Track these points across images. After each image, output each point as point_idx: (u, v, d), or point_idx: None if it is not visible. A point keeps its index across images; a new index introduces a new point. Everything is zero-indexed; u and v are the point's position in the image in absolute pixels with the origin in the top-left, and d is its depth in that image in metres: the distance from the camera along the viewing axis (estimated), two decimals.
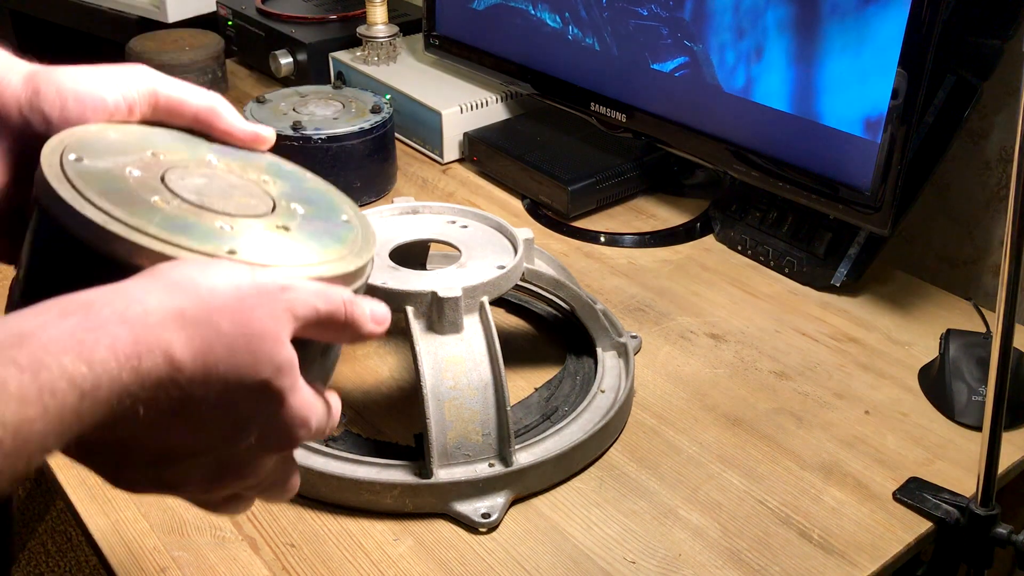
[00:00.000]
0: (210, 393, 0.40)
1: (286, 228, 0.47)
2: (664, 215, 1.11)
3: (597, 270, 1.01)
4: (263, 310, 0.41)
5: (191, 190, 0.46)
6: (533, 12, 1.13)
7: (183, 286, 0.40)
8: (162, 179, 0.46)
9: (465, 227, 0.84)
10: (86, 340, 0.36)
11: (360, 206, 1.08)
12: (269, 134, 0.54)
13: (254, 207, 0.48)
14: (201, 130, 0.52)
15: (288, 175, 0.53)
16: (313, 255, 0.46)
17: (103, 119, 0.49)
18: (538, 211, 1.11)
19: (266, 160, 0.53)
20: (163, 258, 0.41)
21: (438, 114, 1.19)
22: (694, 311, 0.94)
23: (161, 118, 0.51)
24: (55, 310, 0.37)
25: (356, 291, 0.47)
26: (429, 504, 0.71)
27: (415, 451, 0.74)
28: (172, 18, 1.51)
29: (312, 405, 0.44)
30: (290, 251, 0.46)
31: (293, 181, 0.53)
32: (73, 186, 0.43)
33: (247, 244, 0.44)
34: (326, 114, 1.10)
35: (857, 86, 0.85)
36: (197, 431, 0.41)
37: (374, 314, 0.46)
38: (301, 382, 0.43)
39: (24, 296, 0.44)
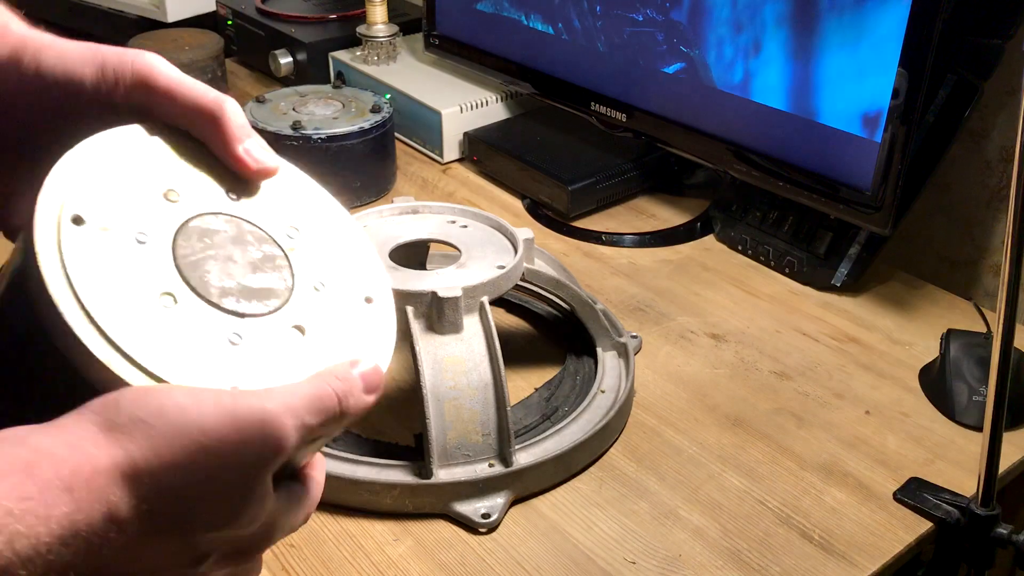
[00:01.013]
0: (157, 546, 0.37)
1: (301, 330, 0.43)
2: (664, 215, 1.11)
3: (597, 270, 1.01)
4: (237, 462, 0.37)
5: (202, 267, 0.42)
6: (526, 23, 1.12)
7: (141, 436, 0.36)
8: (174, 251, 0.41)
9: (465, 227, 0.84)
10: (14, 511, 0.33)
11: (360, 206, 1.09)
12: (275, 166, 0.47)
13: (271, 294, 0.43)
14: (197, 135, 0.46)
15: (311, 218, 0.48)
16: (328, 360, 0.42)
17: (82, 104, 0.44)
18: (538, 211, 1.11)
19: (289, 190, 0.48)
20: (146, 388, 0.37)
21: (438, 114, 1.18)
22: (694, 311, 0.94)
23: (154, 110, 0.45)
24: None
25: None
26: (429, 504, 0.71)
27: (415, 451, 0.74)
28: (172, 18, 1.51)
29: (288, 521, 0.42)
30: (301, 362, 0.42)
31: (319, 230, 0.47)
32: (68, 278, 0.38)
33: (253, 361, 0.40)
34: (326, 114, 1.10)
35: (857, 85, 0.85)
36: (142, 571, 0.38)
37: (367, 384, 0.42)
38: (273, 502, 0.40)
39: None
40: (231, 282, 0.42)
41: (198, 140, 0.45)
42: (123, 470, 0.35)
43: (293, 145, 1.05)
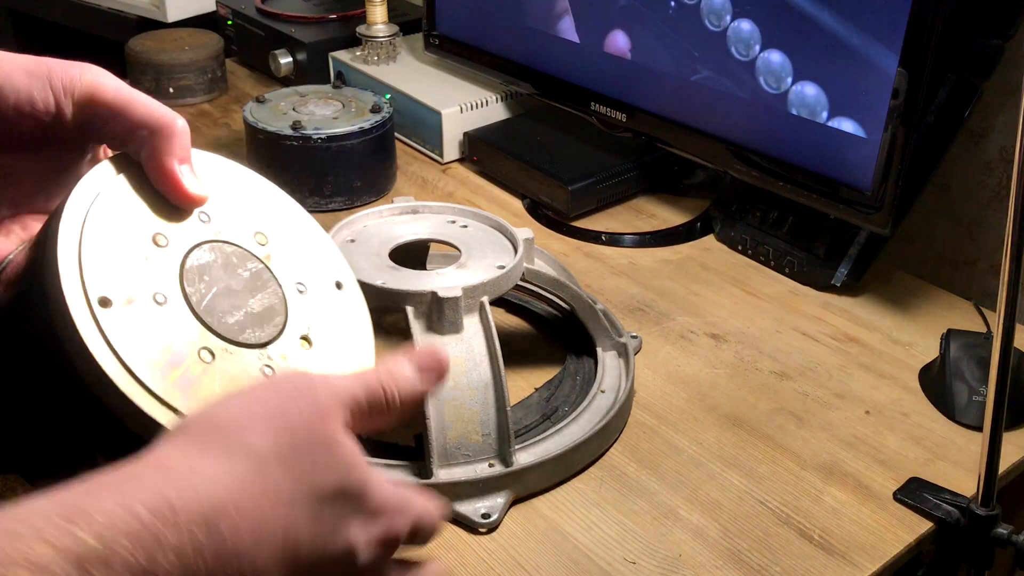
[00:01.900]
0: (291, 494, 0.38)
1: (308, 341, 0.47)
2: (664, 215, 1.11)
3: (597, 270, 1.01)
4: (297, 417, 0.38)
5: (217, 310, 0.44)
6: (525, 22, 1.13)
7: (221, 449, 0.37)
8: (186, 299, 0.44)
9: (465, 227, 0.84)
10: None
11: (360, 206, 1.09)
12: (203, 197, 0.46)
13: (273, 314, 0.47)
14: (135, 155, 0.45)
15: (268, 217, 0.50)
16: (344, 358, 0.47)
17: (30, 124, 0.44)
18: (538, 211, 1.11)
19: (240, 189, 0.50)
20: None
21: (438, 114, 1.18)
22: (694, 311, 0.94)
23: (97, 125, 0.45)
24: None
25: None
26: None
27: (415, 451, 0.74)
28: (172, 18, 1.51)
29: (398, 500, 0.42)
30: (323, 366, 0.46)
31: (277, 228, 0.50)
32: (115, 354, 0.40)
33: None
34: (326, 114, 1.10)
35: (857, 85, 0.85)
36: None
37: (421, 365, 0.43)
38: (358, 454, 0.41)
39: None
40: (241, 314, 0.45)
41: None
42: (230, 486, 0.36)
43: (293, 145, 1.05)
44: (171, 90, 1.34)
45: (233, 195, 0.50)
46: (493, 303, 0.75)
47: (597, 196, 1.10)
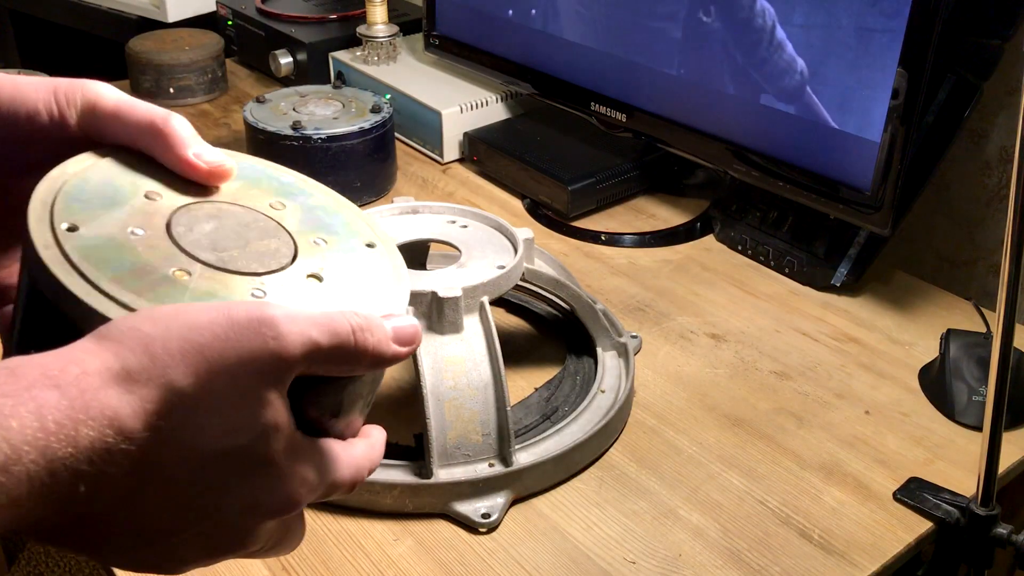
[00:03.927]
0: (174, 464, 0.35)
1: (318, 277, 0.43)
2: (664, 215, 1.11)
3: (597, 270, 1.01)
4: (234, 360, 0.35)
5: (206, 245, 0.42)
6: (525, 22, 1.13)
7: (131, 339, 0.34)
8: (169, 234, 0.42)
9: (465, 227, 0.84)
10: (3, 407, 0.31)
11: (360, 206, 1.09)
12: (222, 169, 0.45)
13: (277, 253, 0.44)
14: (147, 152, 0.45)
15: (291, 190, 0.49)
16: (352, 302, 0.42)
17: (41, 134, 0.44)
18: (538, 211, 1.11)
19: (262, 172, 0.49)
20: None
21: (438, 114, 1.18)
22: (694, 311, 0.94)
23: (103, 133, 0.45)
24: None
25: None
26: (429, 504, 0.71)
27: (415, 451, 0.74)
28: (172, 18, 1.51)
29: (318, 464, 0.39)
30: (328, 305, 0.42)
31: (300, 199, 0.48)
32: (82, 274, 0.38)
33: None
34: (326, 114, 1.10)
35: (857, 85, 0.85)
36: (168, 507, 0.36)
37: (399, 335, 0.40)
38: (297, 439, 0.38)
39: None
40: (237, 251, 0.43)
41: (152, 157, 0.46)
42: (116, 372, 0.34)
43: (293, 145, 1.06)
44: (171, 90, 1.34)
45: (250, 180, 0.48)
46: (493, 303, 0.75)
47: (597, 196, 1.10)
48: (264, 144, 1.07)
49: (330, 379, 0.40)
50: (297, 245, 0.45)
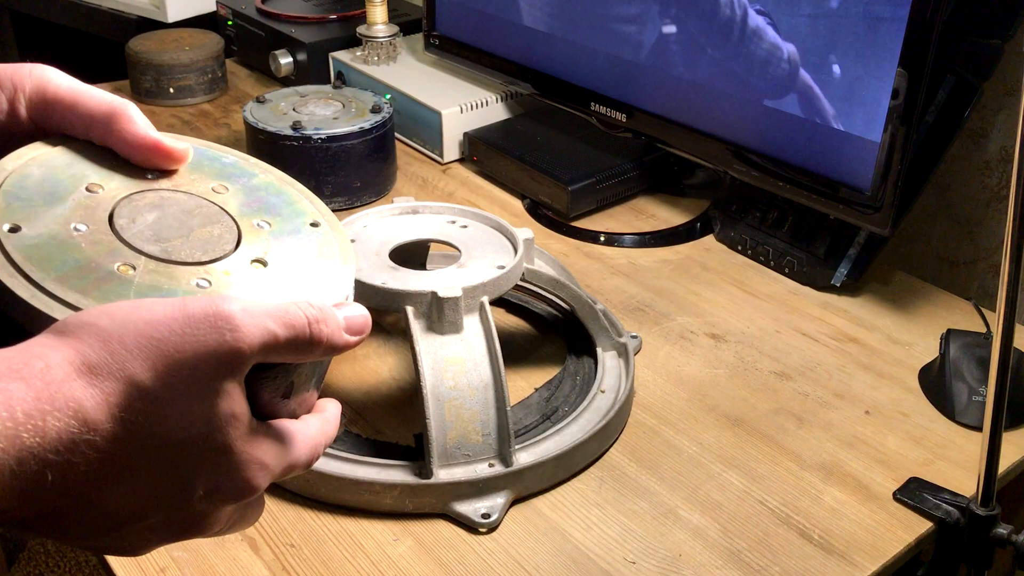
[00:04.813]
0: (137, 454, 0.36)
1: (262, 263, 0.43)
2: (664, 215, 1.11)
3: (597, 270, 1.01)
4: (191, 355, 0.36)
5: (150, 237, 0.42)
6: (525, 23, 1.13)
7: (88, 335, 0.35)
8: (112, 228, 0.42)
9: (465, 227, 0.84)
10: None
11: (360, 206, 1.09)
12: (181, 149, 0.46)
13: (220, 240, 0.44)
14: (99, 139, 0.45)
15: (233, 172, 0.48)
16: (298, 287, 0.42)
17: None
18: (538, 211, 1.11)
19: (203, 154, 0.48)
20: None
21: (438, 114, 1.18)
22: (694, 311, 0.94)
23: (55, 120, 0.45)
24: None
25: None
26: (429, 504, 0.71)
27: (415, 451, 0.74)
28: (172, 18, 1.51)
29: (274, 448, 0.40)
30: (274, 291, 0.42)
31: (242, 180, 0.48)
32: (26, 276, 0.38)
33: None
34: (326, 114, 1.10)
35: (857, 86, 0.85)
36: (133, 495, 0.37)
37: (350, 324, 0.41)
38: (253, 425, 0.39)
39: None
40: (178, 241, 0.43)
41: (100, 145, 0.46)
42: (77, 367, 0.35)
43: (293, 145, 1.06)
44: (171, 90, 1.34)
45: (195, 165, 0.48)
46: (493, 303, 0.75)
47: (597, 196, 1.10)
48: (264, 144, 1.07)
49: (282, 363, 0.40)
50: (240, 229, 0.45)
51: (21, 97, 0.44)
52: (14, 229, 0.40)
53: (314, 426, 0.43)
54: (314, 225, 0.47)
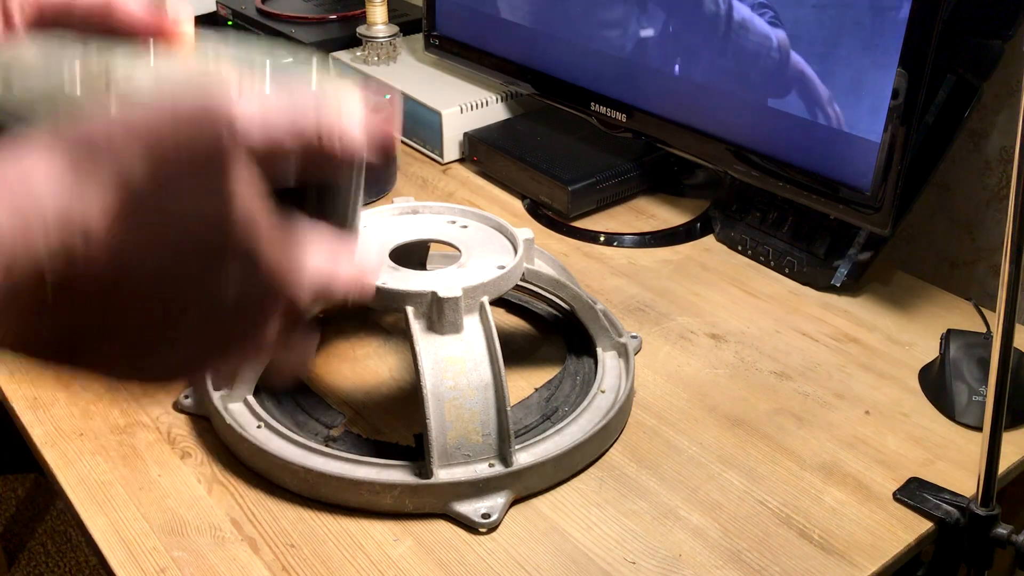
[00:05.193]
0: (142, 257, 0.33)
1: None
2: (664, 215, 1.11)
3: (597, 270, 1.01)
4: (187, 130, 0.33)
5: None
6: (524, 23, 1.13)
7: (68, 137, 0.33)
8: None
9: (465, 227, 0.84)
10: None
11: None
12: (182, 18, 0.42)
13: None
14: (99, 29, 0.42)
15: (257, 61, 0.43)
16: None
17: None
18: (538, 211, 1.11)
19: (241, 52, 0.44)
20: None
21: (438, 114, 1.18)
22: (694, 311, 0.94)
23: (49, 28, 0.43)
24: None
25: None
26: (429, 504, 0.71)
27: (415, 451, 0.74)
28: None
29: (295, 241, 0.36)
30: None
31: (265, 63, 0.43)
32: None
33: None
34: None
35: (857, 86, 0.85)
36: (148, 303, 0.34)
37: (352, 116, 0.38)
38: (270, 219, 0.35)
39: None
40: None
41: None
42: (62, 171, 0.32)
43: None
44: None
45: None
46: (493, 303, 0.75)
47: (597, 196, 1.10)
48: None
49: (304, 186, 0.38)
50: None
51: (17, 15, 0.43)
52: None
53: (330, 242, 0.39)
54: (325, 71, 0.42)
